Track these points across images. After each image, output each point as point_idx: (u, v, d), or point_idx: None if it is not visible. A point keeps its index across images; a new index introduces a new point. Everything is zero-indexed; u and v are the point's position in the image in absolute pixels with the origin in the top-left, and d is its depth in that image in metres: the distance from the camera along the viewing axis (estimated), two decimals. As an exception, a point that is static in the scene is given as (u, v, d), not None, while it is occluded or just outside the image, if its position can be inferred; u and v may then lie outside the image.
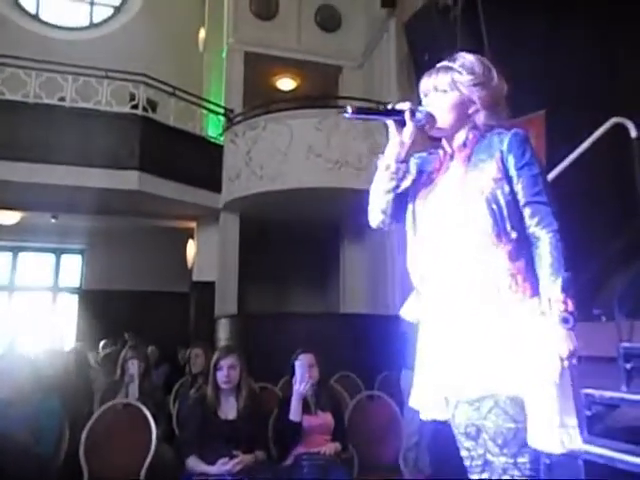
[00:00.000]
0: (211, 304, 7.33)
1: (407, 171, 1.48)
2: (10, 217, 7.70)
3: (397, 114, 1.44)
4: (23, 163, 6.12)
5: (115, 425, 2.80)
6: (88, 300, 9.02)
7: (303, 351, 3.01)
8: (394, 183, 1.47)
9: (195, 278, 7.82)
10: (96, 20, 10.28)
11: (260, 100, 7.81)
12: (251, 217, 7.59)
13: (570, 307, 1.29)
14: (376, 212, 1.53)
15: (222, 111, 7.76)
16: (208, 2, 9.38)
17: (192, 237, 8.34)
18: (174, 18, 9.68)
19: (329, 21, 8.55)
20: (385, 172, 1.47)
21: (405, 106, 1.43)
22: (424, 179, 1.51)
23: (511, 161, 1.37)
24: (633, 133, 2.74)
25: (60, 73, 6.71)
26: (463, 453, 1.42)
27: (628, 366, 2.23)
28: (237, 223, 7.66)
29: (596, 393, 2.15)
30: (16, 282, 9.40)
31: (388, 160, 1.46)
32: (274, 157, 6.93)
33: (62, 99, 6.61)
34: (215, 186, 7.40)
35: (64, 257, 9.68)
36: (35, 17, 9.81)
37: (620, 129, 2.79)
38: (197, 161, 7.22)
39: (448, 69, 1.47)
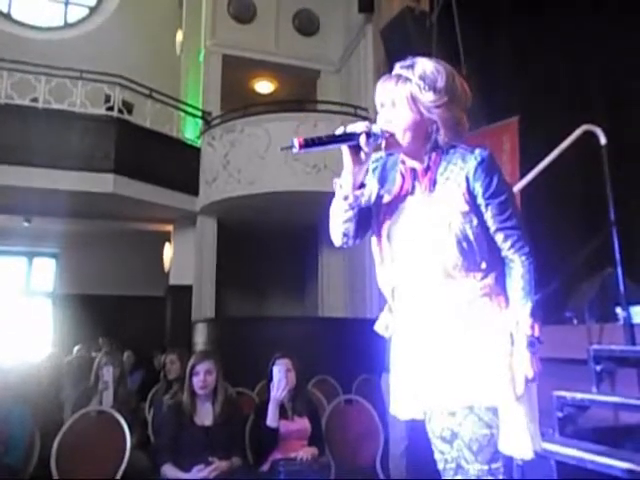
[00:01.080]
0: (188, 308, 7.25)
1: (364, 189, 1.43)
2: (-20, 220, 7.52)
3: (351, 138, 1.33)
4: (-6, 165, 5.99)
5: (88, 433, 2.75)
6: (62, 305, 8.85)
7: (281, 356, 3.00)
8: (353, 212, 1.42)
9: (172, 282, 7.74)
10: (71, 20, 10.12)
11: (238, 103, 7.78)
12: (229, 220, 7.55)
13: (536, 332, 1.32)
14: (338, 235, 1.49)
15: (199, 114, 7.71)
16: (185, 4, 9.31)
17: (169, 240, 8.25)
18: (151, 20, 9.59)
19: (307, 25, 8.57)
20: (343, 202, 1.41)
21: (359, 128, 1.33)
22: (389, 201, 1.45)
23: (478, 190, 1.35)
24: (602, 140, 2.80)
25: (33, 74, 6.59)
26: (437, 456, 1.44)
27: (598, 368, 2.28)
28: (214, 226, 7.61)
29: (567, 395, 2.20)
30: (-14, 287, 9.17)
31: (345, 190, 1.39)
32: (252, 160, 6.91)
33: (35, 100, 6.48)
34: (192, 189, 7.34)
35: (37, 261, 9.48)
36: (7, 16, 9.62)
37: (590, 136, 2.85)
38: (174, 164, 7.16)
39: (406, 80, 1.36)
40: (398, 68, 1.41)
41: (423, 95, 1.34)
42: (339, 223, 1.46)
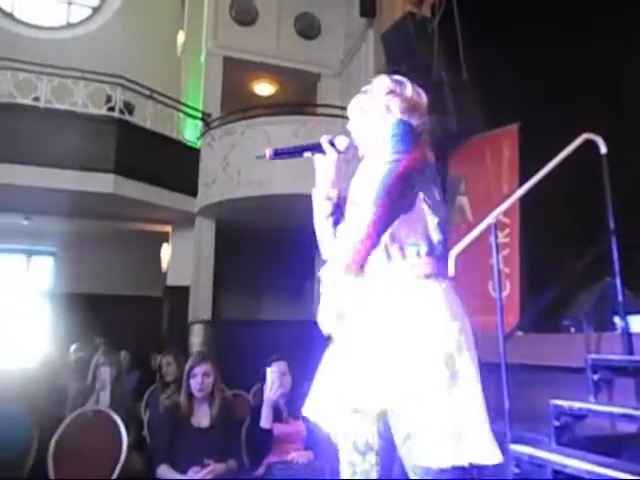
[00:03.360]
0: (185, 309, 7.25)
1: (341, 198, 1.51)
2: (-21, 218, 7.50)
3: (318, 148, 1.53)
4: (-5, 163, 5.98)
5: (85, 432, 2.74)
6: (59, 303, 8.82)
7: (276, 358, 3.00)
8: (329, 210, 1.52)
9: (169, 283, 7.73)
10: (73, 20, 10.13)
11: (238, 105, 7.78)
12: (227, 222, 7.54)
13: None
14: (325, 245, 1.54)
15: (199, 115, 7.72)
16: (187, 6, 9.32)
17: (167, 241, 8.24)
18: (153, 20, 9.60)
19: (308, 29, 8.59)
20: (319, 204, 1.54)
21: (323, 139, 1.53)
22: None
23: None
24: (603, 149, 2.81)
25: (35, 73, 6.59)
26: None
27: (595, 377, 2.29)
28: (213, 228, 7.60)
29: (565, 404, 2.20)
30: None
31: (319, 193, 1.54)
32: (251, 163, 6.90)
33: (37, 99, 6.49)
34: (191, 190, 7.34)
35: (35, 259, 9.46)
36: (9, 15, 9.62)
37: (591, 145, 2.86)
38: (173, 165, 7.15)
39: (364, 92, 1.55)
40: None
41: (375, 91, 1.51)
42: (322, 226, 1.54)
